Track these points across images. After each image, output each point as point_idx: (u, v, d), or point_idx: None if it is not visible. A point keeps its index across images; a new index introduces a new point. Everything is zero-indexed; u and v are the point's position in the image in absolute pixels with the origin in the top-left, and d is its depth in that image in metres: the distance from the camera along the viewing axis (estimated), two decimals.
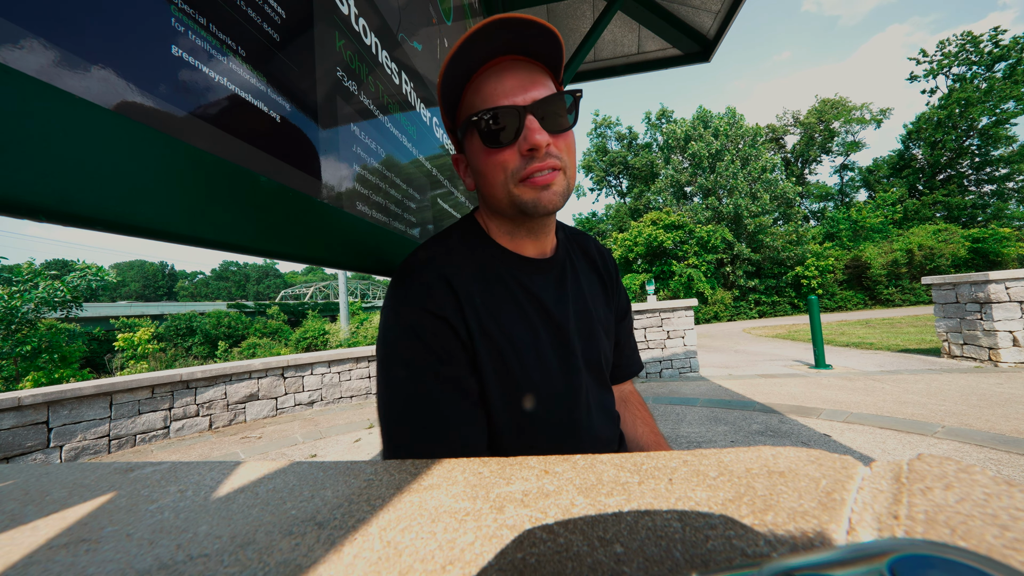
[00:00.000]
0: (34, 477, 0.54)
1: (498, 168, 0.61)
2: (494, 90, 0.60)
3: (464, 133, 0.65)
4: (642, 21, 2.81)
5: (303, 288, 48.14)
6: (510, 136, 0.59)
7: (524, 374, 0.63)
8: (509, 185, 0.61)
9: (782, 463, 0.36)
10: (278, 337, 17.39)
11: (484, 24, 0.55)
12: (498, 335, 0.62)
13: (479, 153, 0.63)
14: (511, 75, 0.60)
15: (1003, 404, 3.37)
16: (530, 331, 0.65)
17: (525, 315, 0.66)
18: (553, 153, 0.60)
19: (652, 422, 0.88)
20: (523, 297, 0.67)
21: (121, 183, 0.37)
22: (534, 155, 0.59)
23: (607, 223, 32.67)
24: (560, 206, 0.63)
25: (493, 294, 0.64)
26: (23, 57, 0.31)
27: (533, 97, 0.59)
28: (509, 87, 0.59)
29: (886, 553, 0.16)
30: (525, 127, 0.58)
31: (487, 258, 0.67)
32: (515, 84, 0.60)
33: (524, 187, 0.61)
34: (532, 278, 0.69)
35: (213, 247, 0.49)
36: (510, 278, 0.67)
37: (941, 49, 30.60)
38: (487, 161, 0.62)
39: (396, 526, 0.33)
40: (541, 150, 0.59)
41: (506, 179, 0.61)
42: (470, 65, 0.60)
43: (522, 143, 0.59)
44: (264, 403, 5.06)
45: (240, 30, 0.51)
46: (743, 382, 5.01)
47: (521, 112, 0.58)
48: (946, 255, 20.41)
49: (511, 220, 0.67)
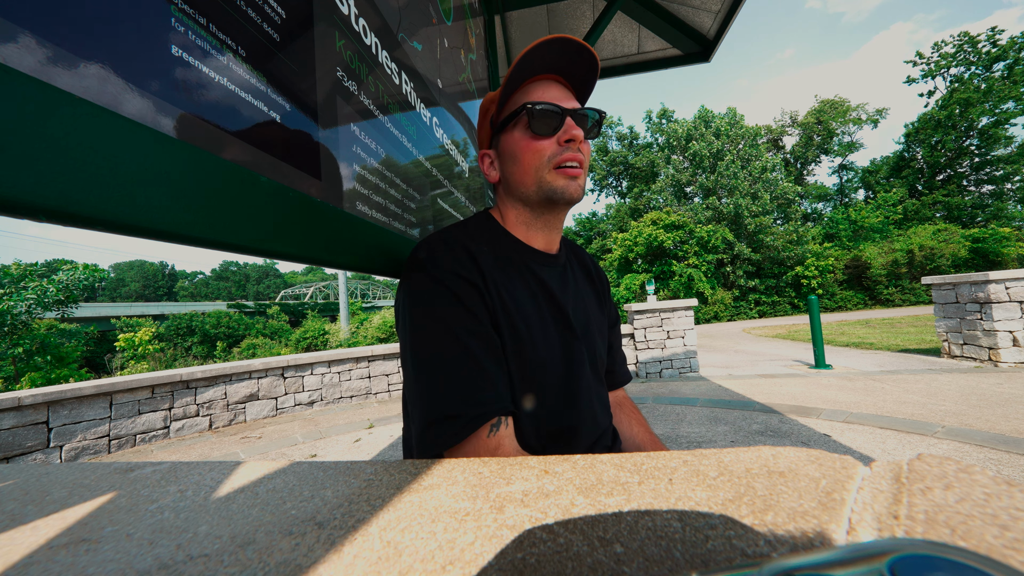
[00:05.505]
0: (34, 477, 0.54)
1: (536, 154, 0.70)
2: (543, 94, 0.71)
3: (504, 126, 0.74)
4: (642, 21, 2.81)
5: (303, 288, 48.15)
6: (551, 128, 0.70)
7: (534, 352, 0.68)
8: (543, 171, 0.70)
9: (782, 463, 0.36)
10: (278, 337, 17.39)
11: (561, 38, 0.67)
12: (513, 309, 0.68)
13: (519, 141, 0.71)
14: (556, 88, 0.73)
15: (1003, 404, 3.37)
16: (537, 309, 0.71)
17: (534, 295, 0.72)
18: (582, 151, 0.71)
19: (646, 423, 0.92)
20: (533, 282, 0.73)
21: (121, 183, 0.37)
22: (569, 146, 0.70)
23: (607, 223, 32.65)
24: (581, 198, 0.72)
25: (507, 274, 0.70)
26: (23, 57, 0.31)
27: (573, 106, 0.72)
28: (556, 95, 0.72)
29: (886, 553, 0.16)
30: (566, 123, 0.70)
31: (501, 244, 0.74)
32: (560, 95, 0.72)
33: (556, 174, 0.70)
34: (541, 268, 0.75)
35: (213, 247, 0.49)
36: (521, 264, 0.73)
37: (938, 50, 30.62)
38: (528, 147, 0.71)
39: (396, 526, 0.33)
40: (578, 141, 0.70)
41: (541, 164, 0.70)
42: (532, 69, 0.70)
43: (562, 134, 0.70)
44: (264, 403, 5.05)
45: (240, 30, 0.51)
46: (743, 382, 5.01)
47: (564, 112, 0.70)
48: (946, 255, 20.40)
49: (531, 209, 0.75)
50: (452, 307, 0.63)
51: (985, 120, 26.75)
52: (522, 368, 0.67)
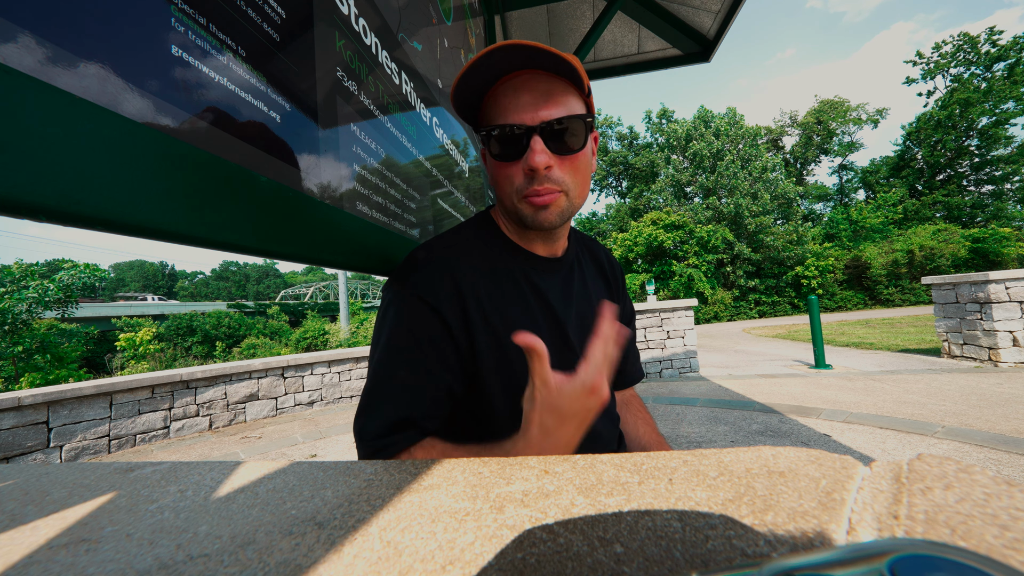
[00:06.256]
0: (34, 477, 0.54)
1: (506, 180, 0.64)
2: (508, 104, 0.61)
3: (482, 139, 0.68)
4: (642, 21, 2.80)
5: (303, 288, 48.16)
6: (517, 152, 0.61)
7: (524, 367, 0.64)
8: (513, 198, 0.64)
9: (782, 463, 0.36)
10: (278, 337, 17.39)
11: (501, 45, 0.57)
12: (501, 328, 0.64)
13: (491, 161, 0.66)
14: (527, 91, 0.61)
15: (1003, 404, 3.37)
16: (533, 326, 0.67)
17: (529, 311, 0.68)
18: (554, 177, 0.61)
19: (653, 423, 0.90)
20: (530, 293, 0.69)
21: (121, 183, 0.37)
22: (534, 175, 0.60)
23: (607, 223, 32.64)
24: (557, 224, 0.65)
25: (500, 288, 0.67)
26: (23, 56, 0.31)
27: (543, 117, 0.60)
28: (523, 103, 0.60)
29: (886, 553, 0.16)
30: (530, 147, 0.59)
31: (498, 253, 0.70)
32: (529, 100, 0.60)
33: (525, 203, 0.63)
34: (541, 276, 0.71)
35: (213, 247, 0.49)
36: (519, 274, 0.69)
37: (938, 50, 30.62)
38: (497, 172, 0.65)
39: (396, 526, 0.33)
40: (540, 172, 0.60)
41: (511, 191, 0.64)
42: (488, 76, 0.61)
43: (524, 163, 0.60)
44: (264, 403, 5.05)
45: (240, 30, 0.51)
46: (743, 382, 5.01)
47: (528, 131, 0.59)
48: (946, 255, 20.40)
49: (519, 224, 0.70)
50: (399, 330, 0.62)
51: (985, 120, 26.75)
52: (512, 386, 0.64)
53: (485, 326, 0.63)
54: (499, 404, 0.65)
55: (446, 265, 0.64)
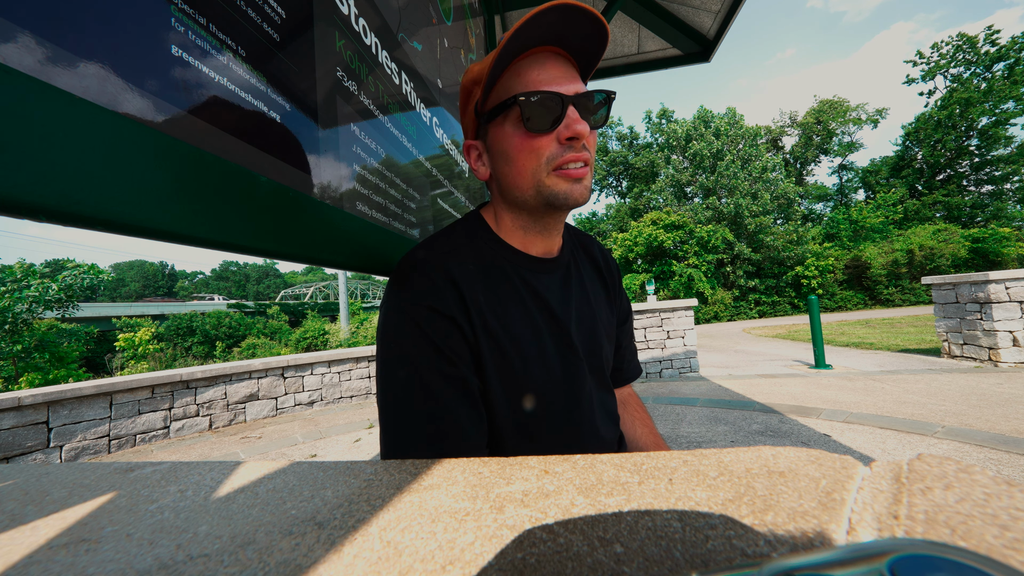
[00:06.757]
0: (34, 477, 0.54)
1: (532, 154, 0.60)
2: (539, 76, 0.59)
3: (493, 117, 0.63)
4: (642, 21, 2.80)
5: (303, 288, 48.17)
6: (549, 123, 0.58)
7: (526, 371, 0.63)
8: (541, 174, 0.60)
9: (782, 463, 0.36)
10: (278, 337, 17.39)
11: (549, 5, 0.53)
12: (501, 332, 0.62)
13: (511, 138, 0.61)
14: (554, 65, 0.60)
15: (1003, 404, 3.37)
16: (533, 329, 0.65)
17: (529, 313, 0.65)
18: (587, 147, 0.60)
19: (651, 423, 0.89)
20: (528, 296, 0.66)
21: (121, 183, 0.37)
22: (572, 145, 0.59)
23: (607, 223, 32.65)
24: (587, 201, 0.63)
25: (498, 292, 0.64)
26: (23, 56, 0.31)
27: (576, 89, 0.59)
28: (554, 75, 0.59)
29: (886, 553, 0.16)
30: (567, 115, 0.58)
31: (493, 256, 0.66)
32: (559, 74, 0.59)
33: (557, 178, 0.60)
34: (538, 277, 0.68)
35: (213, 247, 0.49)
36: (516, 277, 0.66)
37: (937, 50, 30.63)
38: (521, 146, 0.60)
39: (396, 526, 0.33)
40: (582, 139, 0.58)
41: (538, 167, 0.60)
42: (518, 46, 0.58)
43: (562, 131, 0.58)
44: (264, 403, 5.05)
45: (240, 30, 0.51)
46: (743, 382, 5.01)
47: (565, 100, 0.58)
48: (946, 255, 20.41)
49: (528, 213, 0.66)
50: (419, 346, 0.58)
51: (985, 120, 26.75)
52: (514, 391, 0.62)
53: (485, 331, 0.61)
54: (501, 411, 0.63)
55: (444, 271, 0.61)
